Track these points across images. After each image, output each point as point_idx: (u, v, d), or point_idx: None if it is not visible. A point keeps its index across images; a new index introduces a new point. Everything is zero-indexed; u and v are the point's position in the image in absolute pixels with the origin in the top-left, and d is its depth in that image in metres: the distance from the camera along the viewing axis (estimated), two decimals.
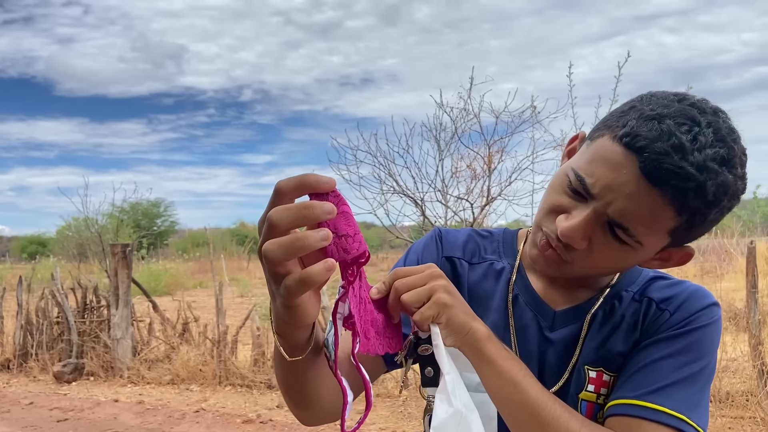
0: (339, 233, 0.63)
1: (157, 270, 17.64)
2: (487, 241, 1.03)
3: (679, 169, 0.73)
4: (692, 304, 0.89)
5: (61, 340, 7.58)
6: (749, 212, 17.74)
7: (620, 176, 0.77)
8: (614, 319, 0.91)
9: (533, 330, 0.95)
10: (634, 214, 0.77)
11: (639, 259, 0.86)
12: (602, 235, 0.81)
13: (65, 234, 21.50)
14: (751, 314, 4.88)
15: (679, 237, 0.83)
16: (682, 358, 0.84)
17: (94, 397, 6.38)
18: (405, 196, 5.99)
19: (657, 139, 0.74)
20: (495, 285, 0.98)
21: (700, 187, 0.74)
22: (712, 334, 0.87)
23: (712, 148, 0.75)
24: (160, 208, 34.91)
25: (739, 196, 0.80)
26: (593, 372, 0.90)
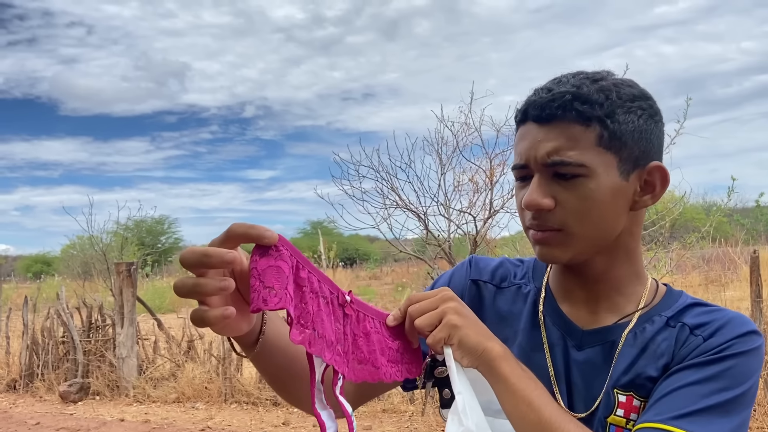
0: (265, 284, 0.67)
1: (162, 287, 17.66)
2: (517, 268, 1.06)
3: (553, 96, 0.86)
4: (728, 330, 0.85)
5: (67, 359, 7.59)
6: (752, 220, 17.69)
7: (529, 138, 0.88)
8: (645, 343, 0.90)
9: (560, 349, 0.94)
10: (556, 147, 0.85)
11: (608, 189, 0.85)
12: (558, 186, 0.86)
13: (70, 253, 21.57)
14: (756, 324, 4.87)
15: (619, 150, 0.85)
16: (715, 384, 0.81)
17: (100, 416, 6.37)
18: (408, 210, 6.01)
19: (533, 96, 0.89)
20: (522, 307, 1.00)
21: (577, 95, 0.84)
22: (749, 363, 0.83)
23: (575, 77, 0.88)
24: (164, 225, 35.01)
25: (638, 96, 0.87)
26: (623, 396, 0.88)
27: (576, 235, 0.87)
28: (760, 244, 15.63)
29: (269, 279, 0.67)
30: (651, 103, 0.89)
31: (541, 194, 0.86)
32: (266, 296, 0.67)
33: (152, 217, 29.51)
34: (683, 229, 13.33)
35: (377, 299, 15.41)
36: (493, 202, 5.86)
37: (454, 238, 6.15)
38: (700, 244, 12.33)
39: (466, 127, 5.96)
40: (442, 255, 5.97)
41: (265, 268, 0.68)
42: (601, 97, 0.84)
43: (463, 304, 0.83)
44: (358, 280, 23.46)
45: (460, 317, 0.80)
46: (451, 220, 6.01)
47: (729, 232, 15.71)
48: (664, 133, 0.92)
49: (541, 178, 0.87)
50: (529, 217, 0.89)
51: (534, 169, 0.87)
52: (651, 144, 0.88)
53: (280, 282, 0.68)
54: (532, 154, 0.87)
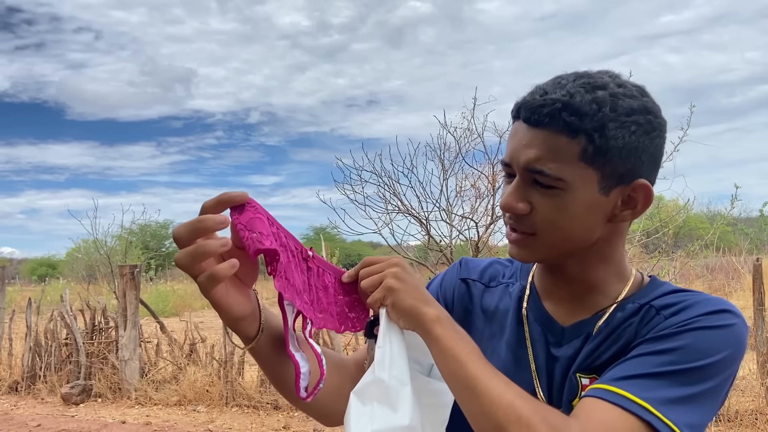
0: (253, 231, 0.74)
1: (165, 291, 17.70)
2: (506, 268, 1.09)
3: (544, 101, 0.83)
4: (694, 309, 0.84)
5: (70, 361, 7.61)
6: (756, 230, 17.63)
7: (517, 137, 0.88)
8: (613, 329, 0.90)
9: (541, 345, 0.96)
10: (537, 157, 0.84)
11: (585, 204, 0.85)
12: (536, 192, 0.86)
13: (75, 256, 21.62)
14: (758, 332, 4.86)
15: (602, 166, 0.83)
16: (668, 356, 0.80)
17: (101, 418, 6.38)
18: (410, 215, 6.03)
19: (528, 96, 0.87)
20: (509, 304, 1.03)
21: (567, 105, 0.82)
22: (715, 338, 0.81)
23: (574, 82, 0.84)
24: (168, 230, 35.04)
25: (636, 110, 0.83)
26: (586, 379, 0.89)
27: (545, 241, 0.89)
28: (764, 253, 15.57)
29: (256, 226, 0.74)
30: (650, 117, 0.85)
31: (517, 198, 0.87)
32: (260, 239, 0.74)
33: (156, 221, 29.56)
34: (687, 237, 13.29)
35: None
36: (495, 207, 5.87)
37: (456, 243, 6.16)
38: (704, 253, 12.30)
39: (469, 132, 5.99)
40: (444, 261, 5.98)
41: (248, 219, 0.75)
42: (593, 108, 0.81)
43: (408, 271, 0.88)
44: None
45: (398, 281, 0.85)
46: (453, 225, 6.02)
47: (733, 241, 15.68)
48: (663, 147, 0.89)
49: (521, 182, 0.87)
50: (508, 216, 0.92)
51: (516, 171, 0.88)
52: (640, 161, 0.85)
53: (265, 228, 0.75)
54: (516, 156, 0.87)
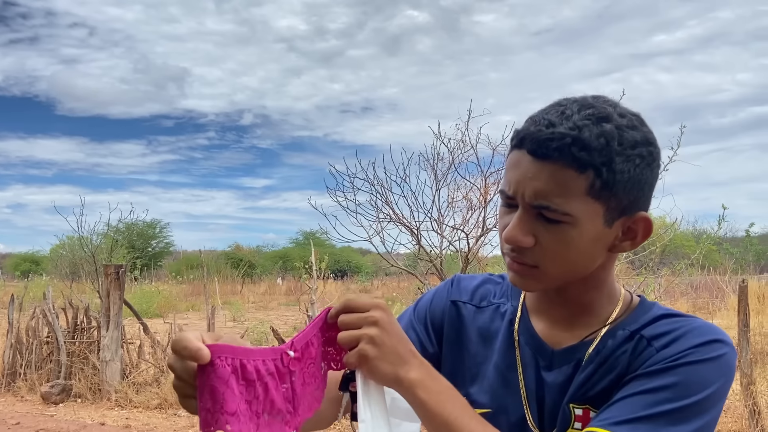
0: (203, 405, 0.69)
1: (150, 292, 17.56)
2: (498, 286, 1.08)
3: (552, 134, 0.81)
4: (686, 340, 0.84)
5: (50, 360, 7.52)
6: (741, 250, 17.80)
7: (521, 169, 0.85)
8: (605, 358, 0.90)
9: (532, 369, 0.95)
10: (544, 191, 0.83)
11: (590, 237, 0.85)
12: (540, 226, 0.85)
13: (59, 253, 21.45)
14: (742, 353, 4.88)
15: (608, 200, 0.84)
16: (664, 394, 0.79)
17: (80, 419, 6.30)
18: (401, 224, 6.02)
19: (532, 125, 0.85)
20: (500, 325, 1.02)
21: (577, 140, 0.80)
22: (707, 371, 0.81)
23: (579, 113, 0.83)
24: (155, 230, 34.84)
25: (640, 142, 0.84)
26: (579, 409, 0.89)
27: (549, 274, 0.88)
28: (749, 273, 15.71)
29: (205, 400, 0.70)
30: (651, 149, 0.85)
31: (522, 232, 0.86)
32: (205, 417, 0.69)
33: (144, 221, 29.33)
34: (673, 255, 13.39)
35: None
36: (486, 220, 5.87)
37: (446, 254, 6.16)
38: (689, 272, 12.40)
39: (463, 144, 5.99)
40: (433, 271, 5.97)
41: (203, 388, 0.70)
42: (602, 143, 0.81)
43: (386, 327, 0.80)
44: (349, 293, 23.39)
45: (373, 347, 0.79)
46: (443, 236, 6.02)
47: (718, 260, 15.81)
48: (658, 176, 0.89)
49: (525, 215, 0.86)
50: (508, 248, 0.89)
51: (520, 203, 0.86)
52: (642, 192, 0.86)
53: (214, 401, 0.70)
54: (521, 189, 0.85)
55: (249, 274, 30.40)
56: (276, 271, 32.09)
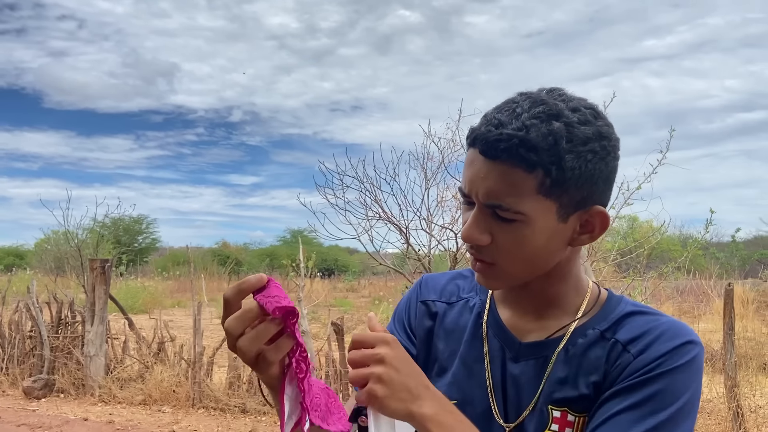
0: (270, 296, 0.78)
1: (135, 287, 17.42)
2: (467, 281, 1.09)
3: (500, 135, 0.82)
4: (661, 345, 0.85)
5: (33, 354, 7.43)
6: (727, 255, 17.99)
7: (474, 168, 0.86)
8: (577, 359, 0.90)
9: (498, 361, 0.96)
10: (495, 191, 0.84)
11: (545, 234, 0.86)
12: (496, 224, 0.86)
13: (44, 247, 21.22)
14: (727, 356, 4.92)
15: (560, 197, 0.84)
16: (647, 407, 0.81)
17: (63, 414, 6.23)
18: (390, 223, 6.01)
19: (483, 124, 0.86)
20: (468, 319, 1.03)
21: (524, 141, 0.81)
22: (683, 378, 0.83)
23: (529, 111, 0.83)
24: (142, 225, 34.60)
25: (592, 138, 0.84)
26: (557, 412, 0.89)
27: (508, 271, 0.90)
28: (734, 278, 15.86)
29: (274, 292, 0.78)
30: (605, 143, 0.85)
31: (478, 230, 0.87)
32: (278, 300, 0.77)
33: (130, 216, 29.11)
34: (659, 259, 13.48)
35: (354, 311, 15.34)
36: None
37: (434, 253, 6.15)
38: (675, 275, 12.49)
39: (453, 143, 5.99)
40: (421, 270, 5.96)
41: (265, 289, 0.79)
42: (549, 142, 0.81)
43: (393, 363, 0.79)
44: (336, 292, 23.35)
45: (382, 386, 0.78)
46: (432, 235, 6.01)
47: (704, 265, 15.94)
48: (617, 167, 0.89)
49: (480, 214, 0.87)
50: (468, 246, 0.91)
51: (475, 202, 0.87)
52: (596, 186, 0.86)
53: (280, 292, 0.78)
54: (475, 188, 0.86)
55: (236, 272, 30.28)
56: (263, 268, 31.97)
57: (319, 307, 14.08)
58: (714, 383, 5.56)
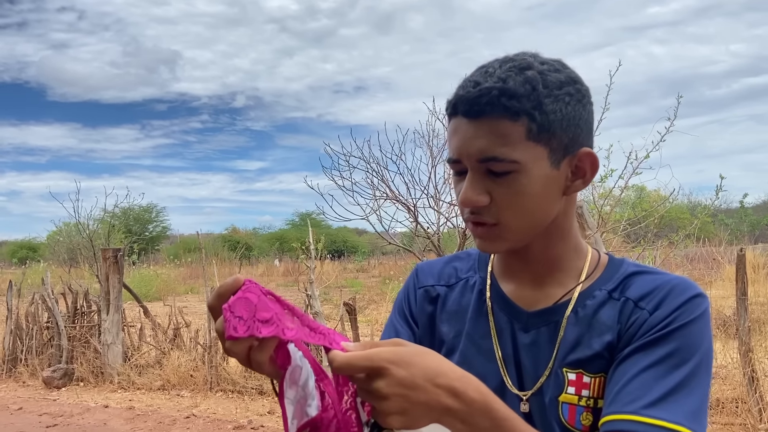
0: (234, 314, 0.73)
1: (148, 275, 17.57)
2: (463, 262, 1.09)
3: (480, 91, 0.85)
4: (674, 299, 0.86)
5: (51, 345, 7.54)
6: (736, 221, 17.87)
7: (461, 133, 0.88)
8: (588, 320, 0.91)
9: (508, 333, 0.96)
10: (487, 146, 0.85)
11: (541, 181, 0.87)
12: (492, 182, 0.87)
13: (56, 239, 21.38)
14: (740, 321, 4.92)
15: (549, 141, 0.86)
16: (670, 361, 0.82)
17: (83, 402, 6.34)
18: (398, 202, 6.01)
19: (460, 90, 0.88)
20: (470, 298, 1.03)
21: (503, 91, 0.84)
22: (699, 329, 0.85)
23: (501, 68, 0.86)
24: (151, 214, 34.78)
25: (565, 82, 0.87)
26: (572, 374, 0.89)
27: (511, 228, 0.89)
28: (744, 244, 15.80)
29: (238, 309, 0.73)
30: (578, 87, 0.88)
31: (475, 192, 0.87)
32: (236, 324, 0.72)
33: (140, 205, 29.28)
34: (668, 227, 13.44)
35: (365, 291, 15.42)
36: None
37: (443, 231, 6.16)
38: (685, 243, 12.46)
39: None
40: (431, 248, 5.98)
41: (234, 300, 0.74)
42: (528, 89, 0.84)
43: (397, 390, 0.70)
44: (346, 273, 23.46)
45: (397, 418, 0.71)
46: (440, 212, 6.01)
47: (713, 232, 15.89)
48: (593, 113, 0.92)
49: (475, 175, 0.88)
50: (467, 212, 0.91)
51: (467, 165, 0.88)
52: (580, 129, 0.88)
53: (248, 311, 0.73)
54: (465, 151, 0.87)
55: (246, 257, 30.41)
56: (273, 252, 32.11)
57: (330, 288, 14.16)
58: (728, 349, 5.57)
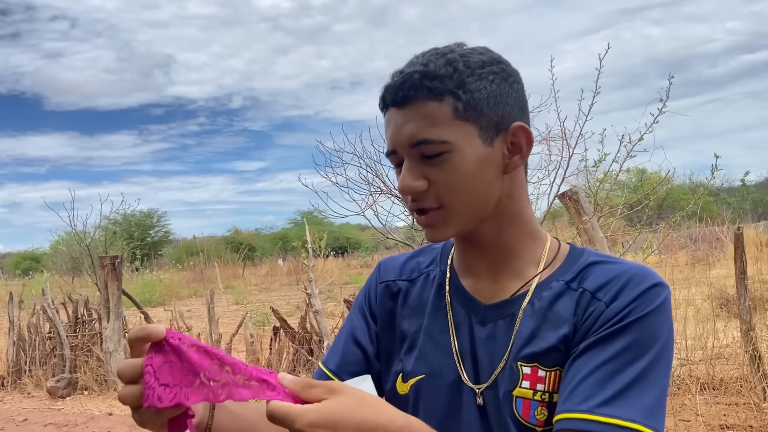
0: (160, 381, 0.67)
1: (151, 281, 17.59)
2: (425, 256, 1.08)
3: (403, 78, 0.86)
4: (631, 290, 0.83)
5: (54, 355, 7.54)
6: (738, 199, 17.80)
7: (392, 123, 0.89)
8: (543, 311, 0.89)
9: (466, 328, 0.94)
10: (416, 130, 0.86)
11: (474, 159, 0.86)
12: (427, 166, 0.87)
13: (58, 249, 21.44)
14: (741, 300, 4.89)
15: (477, 119, 0.86)
16: (627, 356, 0.79)
17: (88, 411, 6.34)
18: (392, 196, 5.98)
19: (387, 83, 0.89)
20: (430, 292, 1.01)
21: (425, 74, 0.85)
22: (657, 321, 0.82)
23: (424, 56, 0.88)
24: (153, 219, 34.83)
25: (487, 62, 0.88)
26: (527, 368, 0.87)
27: (453, 209, 0.88)
28: (746, 222, 15.75)
29: (164, 376, 0.68)
30: (503, 66, 0.89)
31: (412, 178, 0.87)
32: (161, 393, 0.67)
33: (141, 211, 29.32)
34: (670, 210, 13.39)
35: None
36: None
37: None
38: (687, 224, 12.41)
39: None
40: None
41: (160, 364, 0.68)
42: (449, 70, 0.85)
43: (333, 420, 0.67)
44: (350, 269, 23.47)
45: None
46: None
47: (715, 211, 15.82)
48: (524, 93, 0.93)
49: (411, 162, 0.88)
50: (409, 202, 0.90)
51: (402, 153, 0.88)
52: (509, 106, 0.88)
53: (174, 377, 0.68)
54: (397, 139, 0.88)
55: (250, 257, 30.46)
56: (276, 252, 32.15)
57: (333, 285, 14.16)
58: (729, 328, 5.54)
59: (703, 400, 4.74)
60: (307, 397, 0.70)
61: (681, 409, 4.66)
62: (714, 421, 4.34)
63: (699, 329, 5.65)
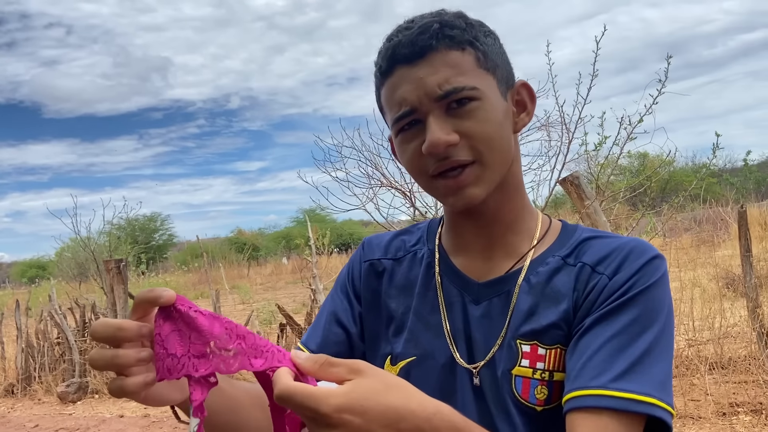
0: (168, 351, 0.65)
1: (157, 284, 17.63)
2: (411, 235, 1.04)
3: (420, 29, 0.82)
4: (632, 263, 0.82)
5: (63, 360, 7.57)
6: (741, 179, 17.74)
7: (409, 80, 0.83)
8: (541, 287, 0.86)
9: (459, 307, 0.91)
10: (444, 78, 0.81)
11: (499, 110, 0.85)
12: (455, 118, 0.83)
13: (64, 255, 21.49)
14: (746, 278, 4.87)
15: (494, 71, 0.86)
16: (634, 329, 0.78)
17: (99, 414, 6.36)
18: (393, 188, 5.97)
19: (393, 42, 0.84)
20: (417, 271, 0.98)
21: (444, 23, 0.83)
22: (660, 293, 0.81)
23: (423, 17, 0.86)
24: (156, 223, 34.90)
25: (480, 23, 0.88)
26: (527, 346, 0.84)
27: (489, 163, 0.84)
28: (750, 201, 15.69)
29: (172, 345, 0.65)
30: (490, 29, 0.90)
31: (444, 131, 0.81)
32: (170, 365, 0.65)
33: (144, 215, 29.38)
34: (674, 192, 13.34)
35: None
36: None
37: (442, 214, 6.12)
38: (691, 206, 12.36)
39: None
40: None
41: (168, 333, 0.65)
42: (462, 22, 0.84)
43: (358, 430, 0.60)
44: None
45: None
46: None
47: (719, 192, 15.76)
48: None
49: (437, 116, 0.82)
50: (434, 164, 0.84)
51: (426, 109, 0.82)
52: (509, 64, 0.90)
53: (183, 347, 0.65)
54: (420, 93, 0.82)
55: (254, 257, 30.50)
56: (280, 251, 32.19)
57: None
58: (736, 307, 5.53)
59: (713, 379, 4.73)
60: (326, 377, 0.64)
61: (690, 389, 4.65)
62: (724, 400, 4.33)
63: (706, 310, 5.63)
